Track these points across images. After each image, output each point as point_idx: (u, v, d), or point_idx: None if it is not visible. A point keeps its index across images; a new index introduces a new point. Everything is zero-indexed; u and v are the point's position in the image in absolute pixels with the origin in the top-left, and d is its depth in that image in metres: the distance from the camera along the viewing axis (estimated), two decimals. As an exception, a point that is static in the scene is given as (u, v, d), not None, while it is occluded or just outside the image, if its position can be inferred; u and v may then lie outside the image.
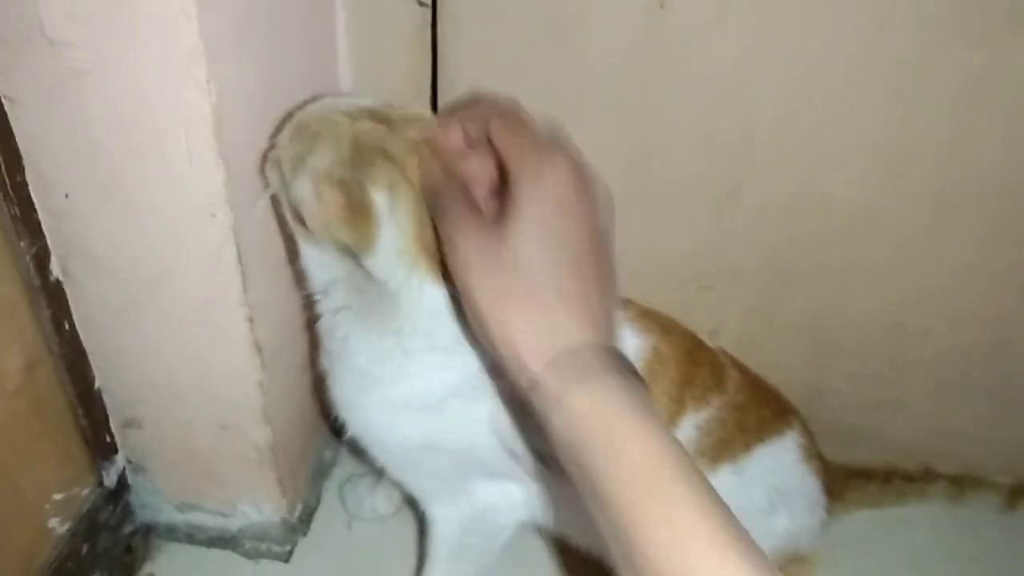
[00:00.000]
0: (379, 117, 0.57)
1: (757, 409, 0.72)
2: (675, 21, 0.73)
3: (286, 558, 0.90)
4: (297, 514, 0.91)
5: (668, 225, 0.86)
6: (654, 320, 0.70)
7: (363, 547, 0.91)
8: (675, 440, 0.43)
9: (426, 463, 0.68)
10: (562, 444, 0.44)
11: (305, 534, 0.92)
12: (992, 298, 0.85)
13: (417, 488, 0.73)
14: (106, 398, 0.79)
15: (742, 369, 0.76)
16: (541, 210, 0.48)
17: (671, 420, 0.67)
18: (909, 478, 0.97)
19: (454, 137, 0.55)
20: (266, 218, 0.69)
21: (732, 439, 0.70)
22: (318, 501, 0.95)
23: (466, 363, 0.60)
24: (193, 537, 0.90)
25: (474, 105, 0.55)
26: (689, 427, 0.69)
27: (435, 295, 0.57)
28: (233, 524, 0.89)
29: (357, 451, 0.75)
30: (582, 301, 0.47)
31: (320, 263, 0.61)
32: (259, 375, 0.74)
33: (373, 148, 0.55)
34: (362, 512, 0.93)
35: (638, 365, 0.51)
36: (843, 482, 0.91)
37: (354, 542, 0.92)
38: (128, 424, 0.81)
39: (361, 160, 0.55)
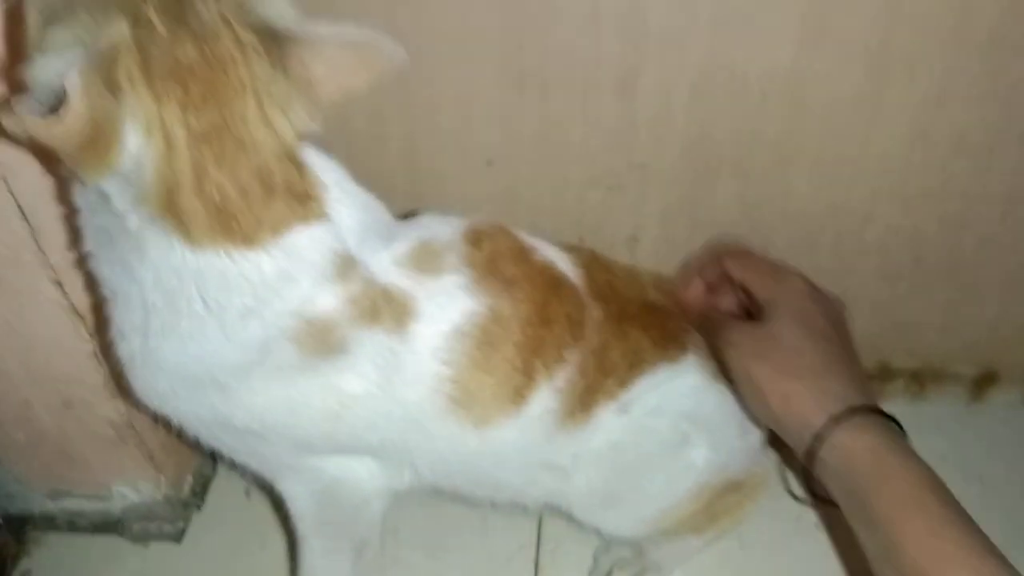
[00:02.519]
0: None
1: (626, 341, 0.61)
2: None
3: (178, 537, 0.81)
4: (187, 488, 0.82)
5: (562, 121, 0.74)
6: (498, 274, 0.57)
7: (263, 517, 0.82)
8: (935, 475, 0.54)
9: (234, 442, 0.59)
10: (835, 475, 0.56)
11: (199, 508, 0.83)
12: (939, 168, 0.74)
13: (250, 465, 0.63)
14: (-77, 387, 0.68)
15: (616, 293, 0.64)
16: (790, 308, 0.62)
17: (519, 394, 0.57)
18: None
19: (695, 290, 0.70)
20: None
21: (598, 382, 0.60)
22: (213, 470, 0.86)
23: (223, 336, 0.49)
24: (75, 524, 0.81)
25: (706, 255, 0.71)
26: (547, 396, 0.58)
27: (180, 253, 0.47)
28: (113, 507, 0.80)
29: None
30: (845, 370, 0.60)
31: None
32: (88, 344, 0.64)
33: (151, 60, 0.42)
34: (258, 478, 0.83)
35: (473, 333, 0.55)
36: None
37: (254, 512, 0.83)
38: (-41, 413, 0.70)
39: (132, 64, 0.42)
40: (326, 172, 0.51)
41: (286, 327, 0.50)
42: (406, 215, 0.61)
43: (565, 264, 0.62)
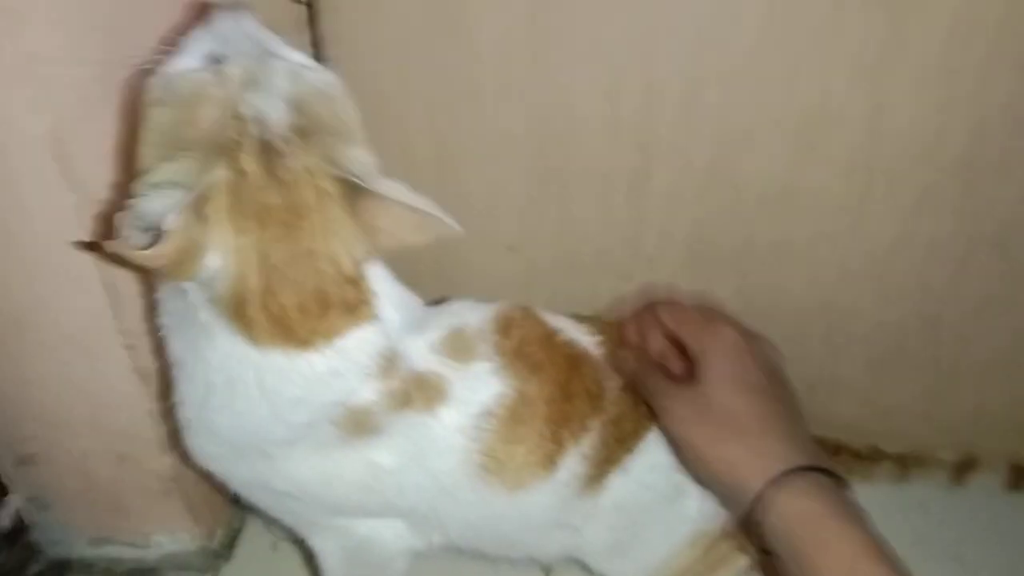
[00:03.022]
0: (277, 148, 0.51)
1: (637, 409, 0.67)
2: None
3: (208, 586, 0.86)
4: (218, 539, 0.87)
5: (579, 215, 0.82)
6: (525, 360, 0.64)
7: (288, 569, 0.87)
8: (875, 539, 0.53)
9: (273, 502, 0.65)
10: (775, 538, 0.55)
11: (228, 559, 0.89)
12: (919, 272, 0.82)
13: (286, 521, 0.69)
14: (-6, 437, 0.75)
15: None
16: (722, 364, 0.61)
17: (551, 461, 0.63)
18: (856, 455, 0.95)
19: (631, 332, 0.69)
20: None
21: (614, 451, 0.66)
22: (242, 523, 0.92)
23: (273, 416, 0.56)
24: (111, 571, 0.86)
25: (641, 305, 0.70)
26: (575, 461, 0.64)
27: (243, 347, 0.54)
28: (150, 555, 0.85)
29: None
30: (783, 427, 0.59)
31: None
32: (148, 404, 0.71)
33: (239, 201, 0.50)
34: (289, 532, 0.89)
35: (501, 412, 0.61)
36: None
37: (279, 564, 0.88)
38: (22, 462, 0.77)
39: (224, 202, 0.50)
40: (375, 278, 0.57)
41: (329, 413, 0.57)
42: (436, 301, 0.68)
43: (585, 338, 0.69)
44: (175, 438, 0.74)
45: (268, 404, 0.55)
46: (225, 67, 0.50)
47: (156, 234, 0.47)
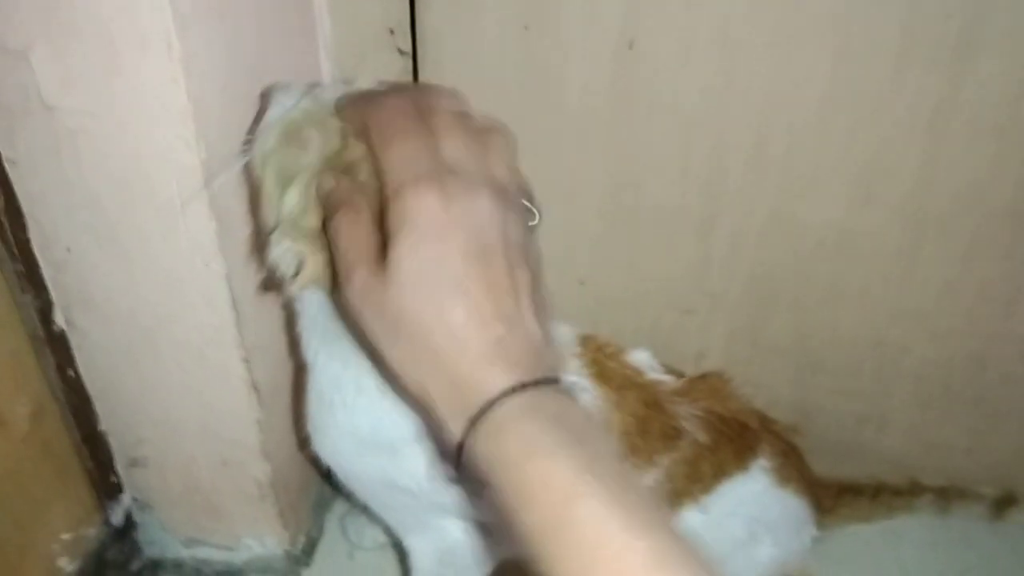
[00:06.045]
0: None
1: (717, 455, 0.73)
2: (643, 60, 0.76)
3: (289, 590, 0.92)
4: (300, 546, 0.93)
5: (648, 253, 0.89)
6: (609, 385, 0.69)
7: (364, 576, 0.93)
8: (595, 456, 0.41)
9: (387, 498, 0.71)
10: (486, 479, 0.43)
11: (308, 565, 0.94)
12: (968, 314, 0.87)
13: (389, 519, 0.75)
14: (111, 440, 0.82)
15: (708, 417, 0.75)
16: (412, 243, 0.45)
17: None
18: (897, 492, 0.98)
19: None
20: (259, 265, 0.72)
21: (685, 489, 0.72)
22: (320, 532, 0.98)
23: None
24: (200, 572, 0.93)
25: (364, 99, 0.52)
26: None
27: None
28: (238, 558, 0.91)
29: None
30: (484, 342, 0.44)
31: None
32: (257, 413, 0.77)
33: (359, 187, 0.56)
34: (364, 541, 0.95)
35: None
36: (834, 497, 0.93)
37: (357, 572, 0.94)
38: (133, 464, 0.84)
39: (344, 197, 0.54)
40: None
41: None
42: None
43: (668, 380, 0.74)
44: (274, 445, 0.81)
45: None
46: (317, 91, 0.58)
47: (302, 258, 0.54)
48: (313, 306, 0.62)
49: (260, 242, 0.63)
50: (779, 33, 0.73)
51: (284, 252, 0.55)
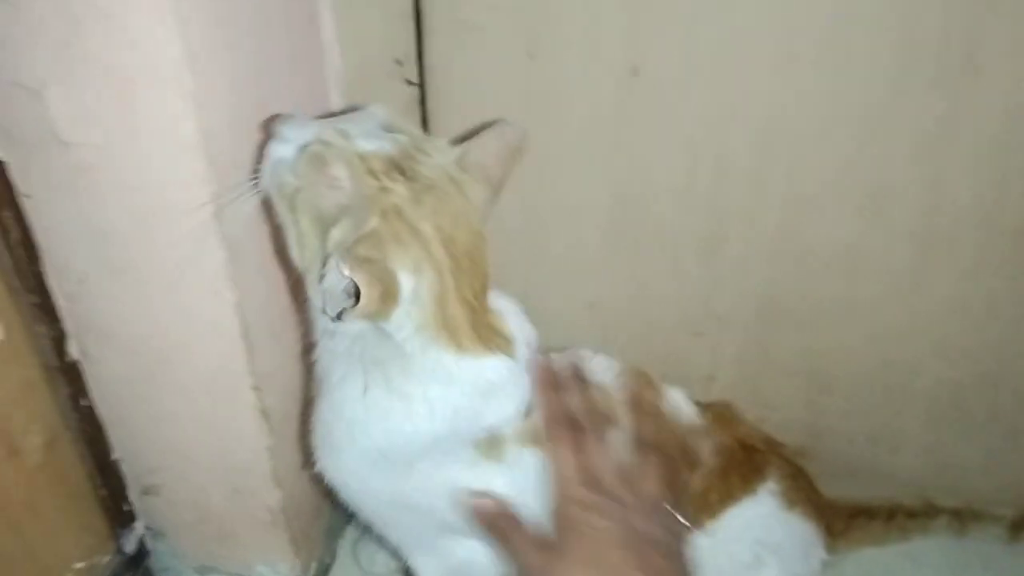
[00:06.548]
0: (402, 164, 0.59)
1: (721, 484, 0.73)
2: (647, 86, 0.77)
3: (301, 617, 0.92)
4: (312, 572, 0.93)
5: (656, 276, 0.89)
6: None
7: (377, 603, 0.93)
8: None
9: (396, 517, 0.71)
10: None
11: (320, 592, 0.95)
12: (977, 332, 0.87)
13: (395, 539, 0.75)
14: (124, 468, 0.83)
15: (733, 451, 0.76)
16: (582, 550, 0.57)
17: None
18: (911, 514, 0.97)
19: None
20: (270, 293, 0.73)
21: (696, 517, 0.71)
22: (333, 558, 0.98)
23: (441, 427, 0.63)
24: (212, 599, 0.93)
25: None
26: None
27: (451, 366, 0.61)
28: (250, 585, 0.92)
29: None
30: None
31: None
32: (268, 440, 0.78)
33: (401, 224, 0.57)
34: (375, 567, 0.95)
35: None
36: (846, 520, 0.92)
37: (368, 598, 0.94)
38: (146, 492, 0.84)
39: (389, 235, 0.57)
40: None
41: (476, 436, 0.64)
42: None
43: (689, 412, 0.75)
44: (285, 472, 0.81)
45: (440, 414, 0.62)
46: (338, 124, 0.59)
47: (355, 291, 0.55)
48: (352, 333, 0.63)
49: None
50: (780, 55, 0.74)
51: (337, 283, 0.55)
